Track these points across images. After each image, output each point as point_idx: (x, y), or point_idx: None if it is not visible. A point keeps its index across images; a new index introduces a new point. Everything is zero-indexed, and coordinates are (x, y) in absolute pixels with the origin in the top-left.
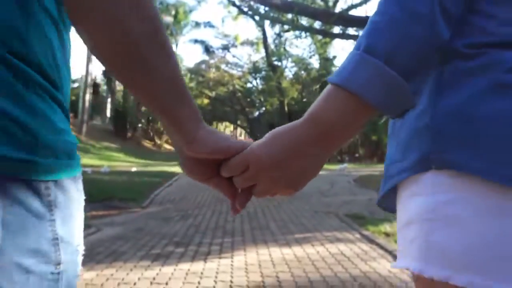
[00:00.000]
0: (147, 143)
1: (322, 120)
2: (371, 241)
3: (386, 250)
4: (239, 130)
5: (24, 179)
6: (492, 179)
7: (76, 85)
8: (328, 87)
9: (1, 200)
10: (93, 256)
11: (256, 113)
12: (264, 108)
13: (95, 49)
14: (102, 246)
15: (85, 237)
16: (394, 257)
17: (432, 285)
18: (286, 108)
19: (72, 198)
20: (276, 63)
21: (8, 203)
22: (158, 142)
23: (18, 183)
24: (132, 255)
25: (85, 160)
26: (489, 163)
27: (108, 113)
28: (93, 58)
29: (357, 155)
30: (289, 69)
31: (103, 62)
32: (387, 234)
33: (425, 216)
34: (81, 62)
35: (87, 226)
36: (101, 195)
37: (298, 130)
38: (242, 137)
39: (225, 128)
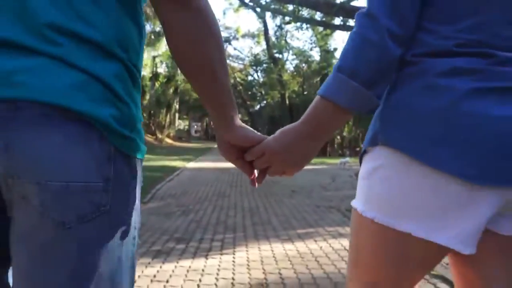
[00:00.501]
0: (148, 137)
1: (313, 121)
2: None
3: None
4: None
5: (124, 153)
6: (406, 153)
7: None
8: (316, 97)
9: (112, 167)
10: None
11: (257, 106)
12: (265, 102)
13: (181, 67)
14: None
15: None
16: None
17: (363, 221)
18: (287, 101)
19: (140, 176)
20: (277, 55)
21: (115, 171)
22: (160, 136)
23: (122, 156)
24: None
25: None
26: (407, 142)
27: None
28: None
29: (358, 149)
30: (290, 62)
31: (186, 75)
32: None
33: (368, 175)
34: None
35: None
36: None
37: (298, 128)
38: None
39: None
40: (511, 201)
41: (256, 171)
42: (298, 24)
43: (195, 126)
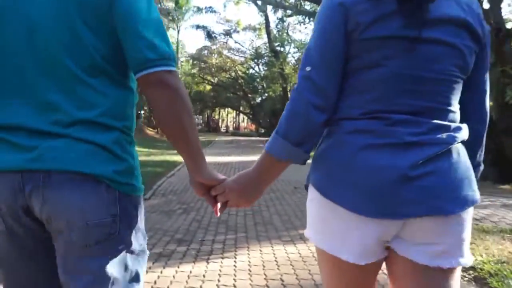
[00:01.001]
0: (150, 131)
1: (260, 169)
2: None
3: None
4: (241, 116)
5: (126, 194)
6: (320, 192)
7: None
8: (263, 151)
9: (118, 206)
10: None
11: (259, 99)
12: (266, 94)
13: (158, 124)
14: None
15: None
16: None
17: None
18: (288, 95)
19: (142, 207)
20: (278, 48)
21: (121, 208)
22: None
23: (125, 196)
24: None
25: None
26: (321, 183)
27: None
28: None
29: None
30: (292, 55)
31: (167, 137)
32: None
33: (308, 204)
34: None
35: None
36: None
37: (250, 173)
38: (245, 123)
39: (228, 114)
40: (400, 232)
41: (218, 204)
42: (300, 17)
43: (196, 119)
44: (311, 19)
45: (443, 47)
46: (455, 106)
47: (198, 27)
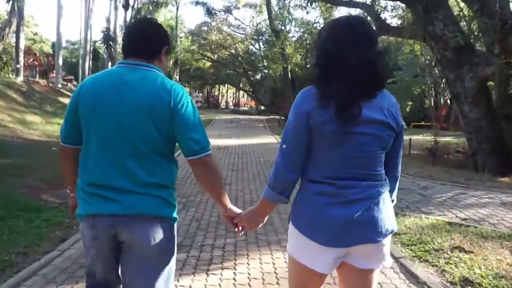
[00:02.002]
0: None
1: (259, 207)
2: None
3: (393, 256)
4: (241, 92)
5: (173, 222)
6: (297, 229)
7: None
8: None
9: (166, 226)
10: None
11: (259, 76)
12: (266, 71)
13: (201, 184)
14: None
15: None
16: (402, 266)
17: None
18: (289, 75)
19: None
20: (279, 27)
21: (171, 233)
22: None
23: (173, 222)
24: None
25: None
26: (297, 223)
27: None
28: (93, 24)
29: None
30: (293, 33)
31: (204, 187)
32: (394, 233)
33: (289, 234)
34: (81, 26)
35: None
36: None
37: (255, 210)
38: (245, 99)
39: (227, 91)
40: (348, 252)
41: (239, 227)
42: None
43: (197, 97)
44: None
45: (371, 137)
46: (381, 169)
47: (197, 3)
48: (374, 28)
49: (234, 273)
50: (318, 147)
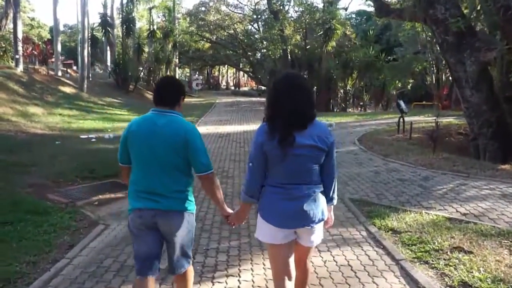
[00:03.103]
0: (148, 94)
1: (241, 209)
2: (378, 243)
3: (393, 258)
4: (241, 72)
5: (192, 212)
6: (262, 216)
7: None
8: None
9: (188, 215)
10: (100, 275)
11: (258, 55)
12: (264, 50)
13: (206, 192)
14: (110, 256)
15: (94, 238)
16: (402, 269)
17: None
18: (289, 56)
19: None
20: (278, 8)
21: (192, 220)
22: None
23: (193, 214)
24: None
25: (88, 122)
26: (261, 212)
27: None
28: (89, 9)
29: (361, 103)
30: (292, 13)
31: (207, 195)
32: (394, 231)
33: (257, 222)
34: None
35: (95, 223)
36: (105, 170)
37: (239, 210)
38: (245, 79)
39: (227, 71)
40: (295, 232)
41: (232, 223)
42: None
43: (197, 79)
44: None
45: (304, 157)
46: (316, 177)
47: None
48: (305, 78)
49: (238, 280)
50: (272, 164)
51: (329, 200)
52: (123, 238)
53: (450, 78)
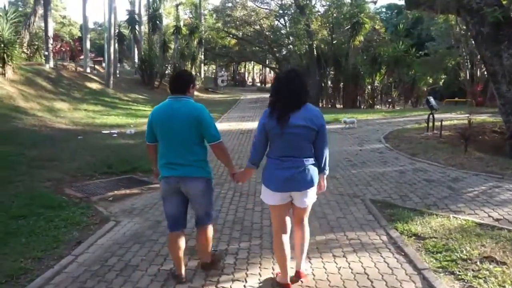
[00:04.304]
0: None
1: (245, 171)
2: (399, 249)
3: (415, 267)
4: (268, 69)
5: (209, 178)
6: (263, 183)
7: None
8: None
9: (205, 181)
10: (103, 274)
11: (284, 51)
12: (291, 47)
13: (218, 158)
14: (115, 255)
15: (103, 235)
16: (424, 279)
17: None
18: (315, 52)
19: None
20: (304, 1)
21: (210, 184)
22: None
23: (211, 180)
24: (141, 275)
25: (112, 118)
26: (263, 180)
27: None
28: (118, 9)
29: (389, 99)
30: (319, 7)
31: (219, 159)
32: (418, 237)
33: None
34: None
35: (106, 219)
36: (124, 166)
37: (243, 171)
38: (272, 75)
39: (254, 67)
40: (290, 196)
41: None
42: None
43: (222, 76)
44: None
45: (297, 135)
46: (308, 151)
47: None
48: (301, 75)
49: (244, 286)
50: (271, 140)
51: (321, 170)
52: (132, 235)
53: (485, 73)
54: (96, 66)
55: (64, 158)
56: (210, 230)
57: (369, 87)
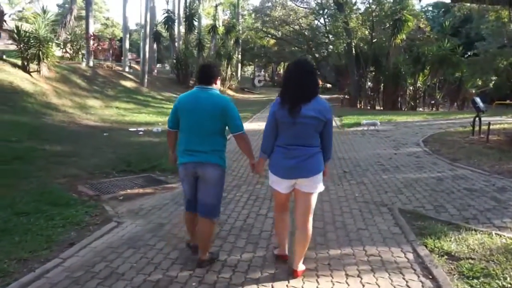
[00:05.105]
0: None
1: (259, 160)
2: (426, 271)
3: None
4: None
5: (224, 168)
6: (270, 170)
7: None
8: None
9: (220, 169)
10: (83, 282)
11: (325, 53)
12: (331, 46)
13: (241, 149)
14: (105, 260)
15: (99, 237)
16: None
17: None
18: (353, 51)
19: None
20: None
21: (223, 172)
22: (221, 89)
23: (224, 168)
24: (124, 286)
25: (142, 116)
26: (270, 166)
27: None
28: (156, 5)
29: (432, 101)
30: (359, 5)
31: (241, 150)
32: (451, 256)
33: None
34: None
35: (108, 219)
36: (143, 164)
37: (258, 161)
38: None
39: None
40: (297, 183)
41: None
42: None
43: (258, 76)
44: None
45: (306, 125)
46: (314, 141)
47: None
48: (312, 64)
49: None
50: (281, 129)
51: (326, 159)
52: (129, 239)
53: None
54: (136, 66)
55: (85, 155)
56: (214, 225)
57: (411, 88)
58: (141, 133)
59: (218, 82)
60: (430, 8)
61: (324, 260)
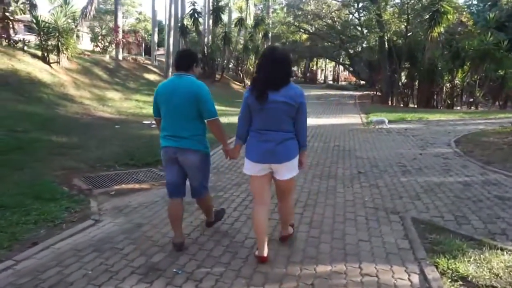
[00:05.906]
0: (236, 85)
1: (235, 147)
2: None
3: None
4: (341, 67)
5: (205, 152)
6: (245, 155)
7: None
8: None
9: (200, 154)
10: None
11: (359, 48)
12: (364, 41)
13: (214, 134)
14: (60, 265)
15: (68, 236)
16: None
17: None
18: (386, 44)
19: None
20: None
21: (206, 157)
22: (248, 83)
23: (207, 153)
24: None
25: None
26: (246, 151)
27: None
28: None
29: (471, 99)
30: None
31: (214, 135)
32: (467, 283)
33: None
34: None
35: (86, 217)
36: (147, 158)
37: (233, 148)
38: (346, 73)
39: (326, 65)
40: (271, 169)
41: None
42: None
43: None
44: None
45: (277, 109)
46: (286, 126)
47: None
48: (285, 52)
49: None
50: (253, 114)
51: (301, 146)
52: (99, 240)
53: None
54: (157, 58)
55: (90, 147)
56: (208, 198)
57: (448, 84)
58: (153, 125)
59: (196, 69)
60: (475, 2)
61: (307, 278)
